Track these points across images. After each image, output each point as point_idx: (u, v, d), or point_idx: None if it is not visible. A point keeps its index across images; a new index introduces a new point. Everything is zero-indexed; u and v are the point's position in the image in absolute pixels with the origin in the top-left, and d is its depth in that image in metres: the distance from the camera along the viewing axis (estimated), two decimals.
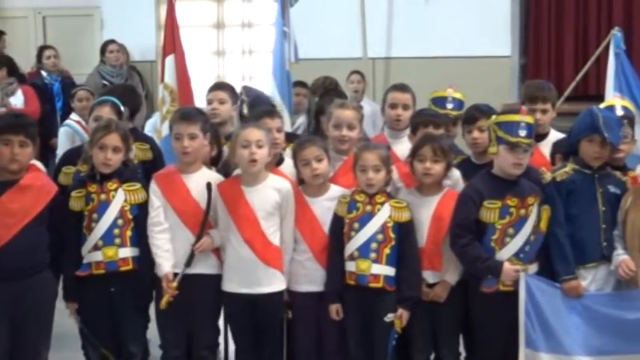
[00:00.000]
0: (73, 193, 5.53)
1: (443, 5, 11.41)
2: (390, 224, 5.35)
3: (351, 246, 5.36)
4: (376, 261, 5.32)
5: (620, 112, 5.67)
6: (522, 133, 5.19)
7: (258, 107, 6.26)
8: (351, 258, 5.35)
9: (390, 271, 5.34)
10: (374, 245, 5.33)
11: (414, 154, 5.45)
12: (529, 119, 5.26)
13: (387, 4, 11.66)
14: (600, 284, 5.33)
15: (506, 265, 5.19)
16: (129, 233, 5.50)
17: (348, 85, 9.80)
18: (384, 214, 5.36)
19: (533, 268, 5.29)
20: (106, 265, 5.47)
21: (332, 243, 5.44)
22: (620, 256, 5.23)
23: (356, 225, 5.36)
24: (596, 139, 5.28)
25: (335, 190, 5.54)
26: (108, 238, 5.46)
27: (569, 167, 5.38)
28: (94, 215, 5.48)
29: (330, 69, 9.73)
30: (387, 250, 5.33)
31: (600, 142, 5.27)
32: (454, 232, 5.28)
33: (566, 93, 10.03)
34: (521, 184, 5.30)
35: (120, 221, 5.49)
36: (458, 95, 6.20)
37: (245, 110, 6.36)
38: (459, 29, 11.27)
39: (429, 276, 5.42)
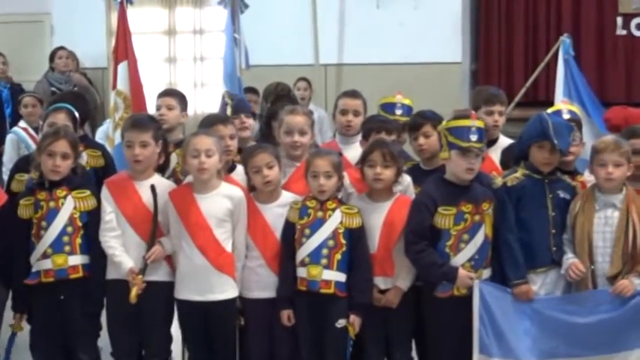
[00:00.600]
0: (22, 201, 5.48)
1: (394, 12, 11.46)
2: (341, 230, 5.35)
3: (303, 252, 5.35)
4: (327, 267, 5.32)
5: (566, 116, 5.72)
6: (473, 137, 5.21)
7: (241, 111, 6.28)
8: (303, 264, 5.35)
9: (341, 277, 5.34)
10: (325, 251, 5.33)
11: (364, 159, 5.45)
12: (479, 124, 5.29)
13: (339, 11, 11.70)
14: (550, 288, 5.37)
15: (462, 272, 5.21)
16: (78, 241, 5.46)
17: (294, 91, 9.81)
18: (335, 220, 5.36)
19: (487, 272, 5.32)
20: (56, 273, 5.42)
21: (284, 249, 5.43)
22: (570, 259, 5.27)
23: (307, 231, 5.36)
24: (546, 145, 5.31)
25: (286, 197, 5.54)
26: (57, 246, 5.42)
27: (520, 172, 5.41)
28: (43, 223, 5.44)
29: (282, 75, 9.74)
30: (338, 256, 5.33)
31: (550, 148, 5.30)
32: (408, 239, 5.29)
33: (517, 99, 10.11)
34: (475, 189, 5.32)
35: (69, 228, 5.44)
36: (407, 101, 6.22)
37: (229, 113, 6.33)
38: (410, 36, 11.33)
39: (380, 282, 5.41)
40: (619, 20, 11.24)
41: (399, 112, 6.14)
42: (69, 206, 5.46)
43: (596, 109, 9.35)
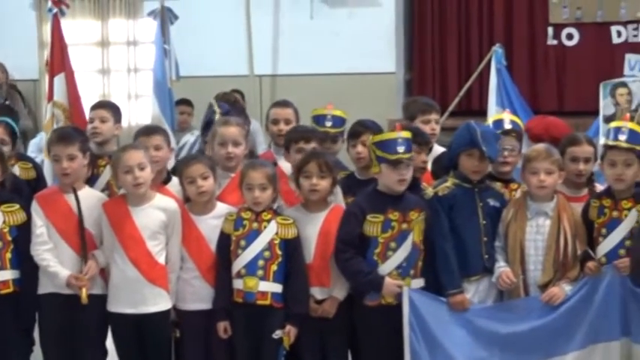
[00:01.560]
0: None
1: (328, 22, 11.48)
2: (277, 241, 5.35)
3: (239, 263, 5.34)
4: (263, 278, 5.31)
5: (508, 126, 5.75)
6: (401, 149, 5.23)
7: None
8: (239, 275, 5.33)
9: (278, 287, 5.34)
10: (261, 262, 5.33)
11: (300, 170, 5.44)
12: (405, 134, 5.30)
13: (273, 21, 11.69)
14: (483, 296, 5.40)
15: (388, 280, 5.22)
16: (8, 255, 5.41)
17: None
18: (270, 231, 5.36)
19: (420, 282, 5.33)
20: None
21: (219, 261, 5.41)
22: (501, 267, 5.31)
23: (243, 242, 5.35)
24: (475, 153, 5.34)
25: (221, 208, 5.52)
26: None
27: (450, 182, 5.44)
28: None
29: (217, 86, 9.66)
30: (274, 267, 5.33)
31: (479, 156, 5.34)
32: (337, 247, 5.30)
33: (450, 108, 10.17)
34: (405, 198, 5.34)
35: None
36: (337, 113, 6.17)
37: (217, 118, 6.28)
38: (344, 46, 11.35)
39: (317, 292, 5.42)
40: (550, 30, 11.38)
41: (328, 123, 6.10)
42: None
43: (529, 119, 9.45)
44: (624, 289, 5.18)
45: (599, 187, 5.61)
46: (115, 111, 6.46)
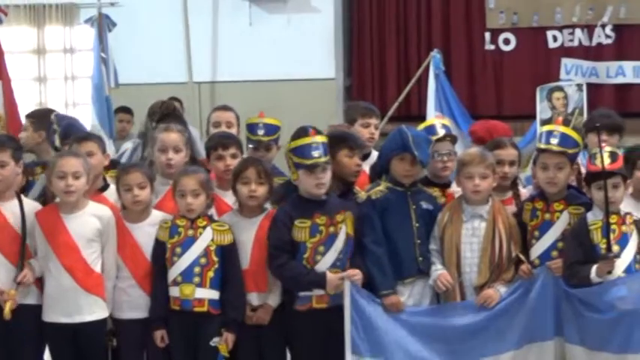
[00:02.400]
0: None
1: (267, 29, 11.46)
2: (213, 247, 5.33)
3: (174, 271, 5.32)
4: (200, 285, 5.30)
5: (440, 131, 5.76)
6: (316, 153, 5.26)
7: (72, 135, 6.08)
8: (175, 283, 5.31)
9: (215, 294, 5.32)
10: (197, 269, 5.31)
11: (238, 176, 5.44)
12: (320, 139, 5.34)
13: (211, 28, 11.65)
14: (417, 299, 5.43)
15: (330, 275, 5.25)
16: None
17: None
18: (206, 238, 5.34)
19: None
20: None
21: (154, 269, 5.39)
22: (438, 270, 5.35)
23: (178, 250, 5.33)
24: (407, 157, 5.38)
25: (156, 216, 5.50)
26: None
27: (383, 185, 5.47)
28: None
29: (155, 94, 9.61)
30: (210, 274, 5.32)
31: (411, 160, 5.37)
32: (270, 254, 5.32)
33: (389, 113, 10.23)
34: (330, 202, 5.37)
35: None
36: (269, 120, 6.19)
37: (57, 142, 6.18)
38: (283, 52, 11.34)
39: (254, 298, 5.42)
40: (487, 35, 11.47)
41: (261, 132, 6.10)
42: None
43: (467, 123, 9.53)
44: (557, 290, 5.24)
45: (523, 191, 5.68)
46: (38, 120, 6.35)
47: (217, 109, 6.66)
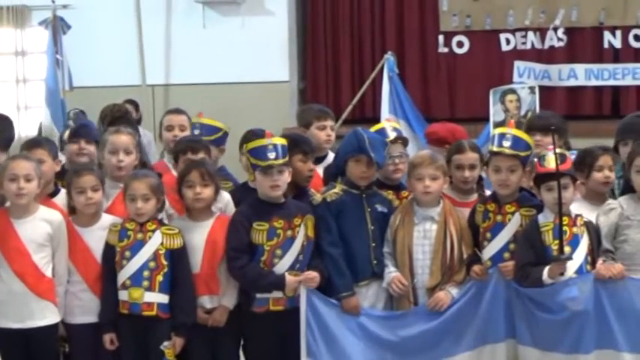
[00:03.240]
0: None
1: (221, 31, 11.48)
2: (162, 251, 5.31)
3: (124, 275, 5.29)
4: (149, 289, 5.27)
5: (392, 134, 5.77)
6: (272, 155, 5.28)
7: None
8: (124, 287, 5.29)
9: (164, 298, 5.30)
10: (146, 273, 5.29)
11: (182, 180, 5.44)
12: (277, 140, 5.35)
13: (165, 30, 11.63)
14: (372, 301, 5.43)
15: (289, 277, 5.26)
16: None
17: None
18: (155, 242, 5.32)
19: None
20: None
21: (104, 272, 5.35)
22: (392, 273, 5.35)
23: (127, 253, 5.30)
24: (363, 159, 5.38)
25: (106, 219, 5.46)
26: None
27: (339, 188, 5.47)
28: None
29: (109, 97, 9.57)
30: (159, 278, 5.30)
31: (367, 162, 5.38)
32: (230, 256, 5.32)
33: (344, 116, 10.22)
34: (288, 205, 5.38)
35: None
36: (207, 121, 6.24)
37: (65, 136, 6.19)
38: (237, 55, 11.35)
39: (206, 301, 5.41)
40: (441, 38, 11.54)
41: (196, 132, 6.18)
42: None
43: (421, 126, 9.55)
44: (509, 292, 5.25)
45: (489, 193, 5.69)
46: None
47: (170, 112, 6.66)
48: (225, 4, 11.48)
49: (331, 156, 6.22)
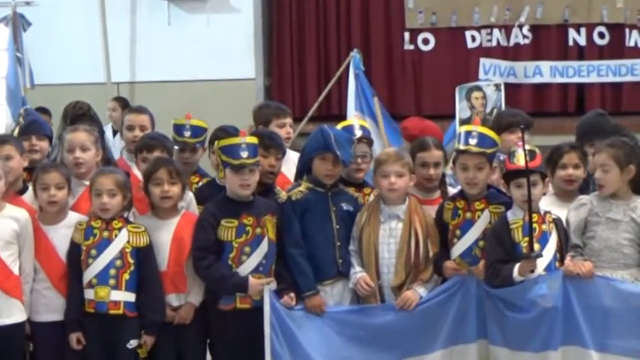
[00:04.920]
0: None
1: (186, 28, 11.42)
2: (129, 249, 5.29)
3: (90, 273, 5.26)
4: (115, 287, 5.25)
5: (358, 132, 5.76)
6: (244, 154, 5.26)
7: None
8: (90, 285, 5.26)
9: (130, 297, 5.28)
10: (113, 272, 5.26)
11: (149, 178, 5.42)
12: (250, 140, 5.34)
13: (130, 28, 11.55)
14: (338, 300, 5.42)
15: (252, 280, 5.24)
16: None
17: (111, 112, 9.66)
18: (121, 240, 5.30)
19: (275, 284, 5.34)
20: None
21: (69, 271, 5.32)
22: (358, 274, 5.34)
23: (93, 252, 5.27)
24: (329, 157, 5.37)
25: (72, 217, 5.43)
26: None
27: (304, 186, 5.46)
28: None
29: (73, 94, 9.54)
30: (126, 276, 5.27)
31: (333, 160, 5.36)
32: (196, 255, 5.31)
33: (310, 113, 10.20)
34: (257, 203, 5.37)
35: None
36: (196, 122, 6.16)
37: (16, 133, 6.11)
38: (203, 52, 11.30)
39: (173, 299, 5.40)
40: (406, 35, 11.53)
41: (187, 133, 6.09)
42: None
43: (388, 123, 9.56)
44: (480, 292, 5.25)
45: (452, 190, 5.68)
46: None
47: (131, 111, 6.64)
48: (190, 1, 11.42)
49: (290, 153, 6.20)
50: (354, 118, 6.43)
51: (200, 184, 5.95)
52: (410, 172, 5.38)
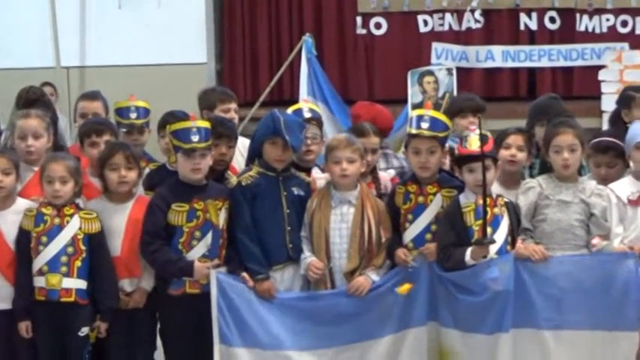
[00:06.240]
0: None
1: (137, 12, 11.33)
2: (81, 236, 5.24)
3: (40, 260, 5.20)
4: (67, 274, 5.20)
5: (307, 115, 5.74)
6: (195, 138, 5.24)
7: None
8: (40, 273, 5.19)
9: (82, 284, 5.24)
10: (64, 259, 5.21)
11: (105, 162, 5.37)
12: (201, 123, 5.33)
13: (80, 12, 11.44)
14: (288, 285, 5.39)
15: (198, 264, 5.22)
16: None
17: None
18: (73, 227, 5.24)
19: (224, 270, 5.31)
20: None
21: (18, 259, 5.25)
22: (307, 258, 5.32)
23: (44, 239, 5.21)
24: (279, 141, 5.34)
25: (21, 204, 5.36)
26: None
27: (254, 171, 5.42)
28: None
29: (23, 79, 9.37)
30: (78, 263, 5.22)
31: (282, 145, 5.34)
32: (144, 240, 5.28)
33: (262, 98, 10.19)
34: (209, 188, 5.35)
35: None
36: (141, 104, 6.15)
37: None
38: (154, 37, 11.24)
39: (126, 284, 5.38)
40: (358, 19, 11.53)
41: (133, 115, 6.08)
42: None
43: (340, 107, 9.58)
44: (431, 274, 5.26)
45: (382, 175, 5.72)
46: None
47: (84, 98, 6.57)
48: None
49: (241, 140, 6.15)
50: (302, 102, 6.42)
51: (147, 169, 5.89)
52: (361, 158, 5.36)
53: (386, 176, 5.75)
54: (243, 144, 5.97)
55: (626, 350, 5.18)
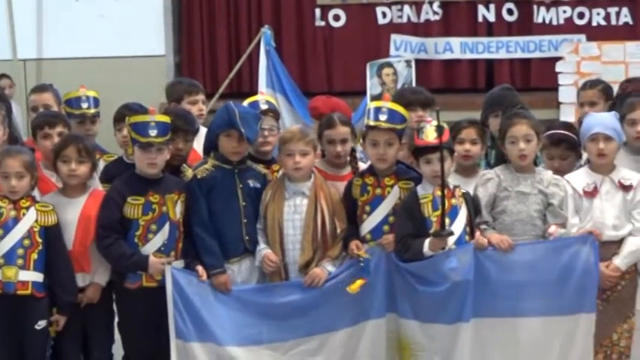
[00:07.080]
0: None
1: (94, 4, 11.31)
2: (37, 229, 5.19)
3: None
4: (23, 267, 5.15)
5: (263, 106, 5.73)
6: (153, 132, 5.21)
7: None
8: None
9: (39, 277, 5.19)
10: (20, 251, 5.16)
11: (58, 155, 5.34)
12: (160, 118, 5.30)
13: (36, 4, 11.37)
14: (245, 277, 5.39)
15: (152, 259, 5.20)
16: None
17: None
18: (29, 219, 5.20)
19: (181, 263, 5.30)
20: None
21: None
22: (262, 250, 5.32)
23: (0, 231, 5.16)
24: (234, 134, 5.32)
25: None
26: None
27: (210, 163, 5.40)
28: None
29: None
30: (34, 256, 5.17)
31: (238, 138, 5.32)
32: (98, 233, 5.26)
33: (221, 90, 10.18)
34: (165, 181, 5.33)
35: None
36: (92, 93, 6.14)
37: None
38: (111, 28, 11.21)
39: (79, 279, 5.34)
40: (317, 11, 11.55)
41: (85, 105, 6.08)
42: None
43: (299, 99, 9.59)
44: (389, 266, 5.26)
45: (363, 166, 5.68)
46: None
47: (33, 91, 6.56)
48: None
49: (203, 131, 6.14)
50: (259, 94, 6.41)
51: (102, 162, 5.86)
52: (314, 150, 5.37)
53: (365, 167, 5.74)
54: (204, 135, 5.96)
55: (584, 332, 5.24)
